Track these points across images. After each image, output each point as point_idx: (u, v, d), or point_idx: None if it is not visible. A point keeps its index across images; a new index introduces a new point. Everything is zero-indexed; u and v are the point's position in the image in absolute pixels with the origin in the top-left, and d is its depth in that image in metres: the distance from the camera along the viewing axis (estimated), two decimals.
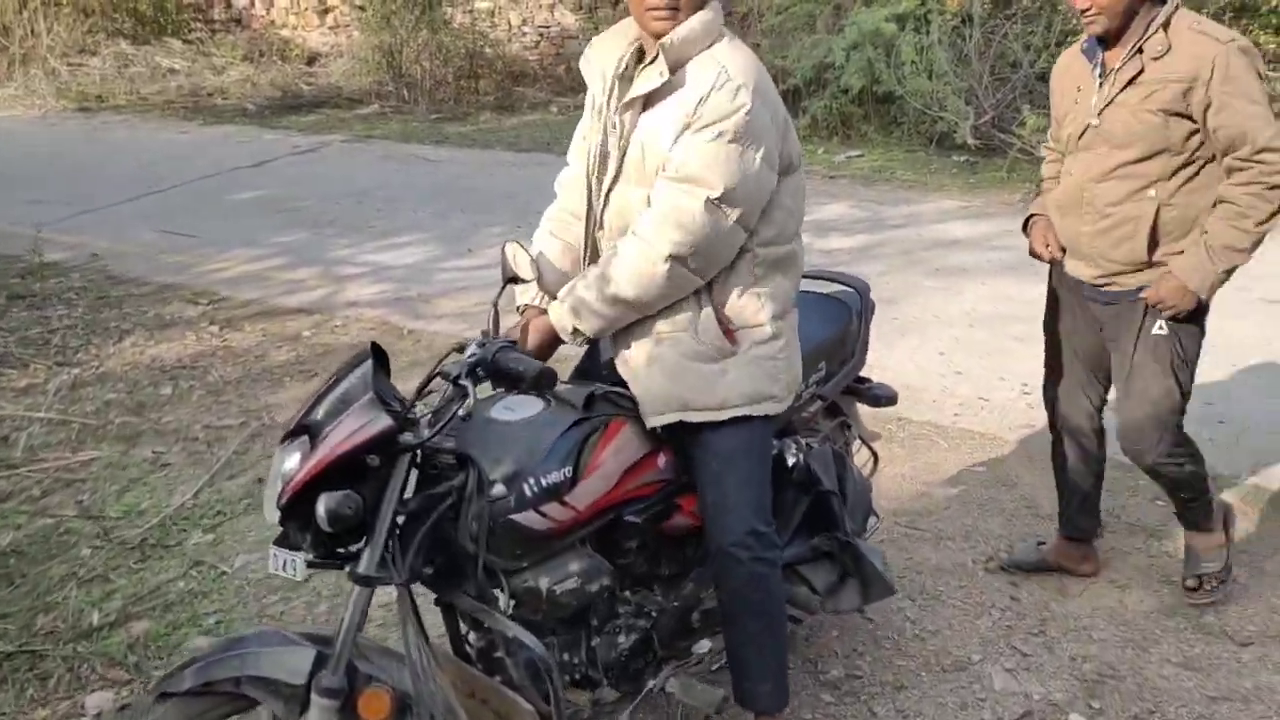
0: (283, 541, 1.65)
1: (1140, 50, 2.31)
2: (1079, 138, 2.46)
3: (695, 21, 1.86)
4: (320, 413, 1.65)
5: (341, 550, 1.68)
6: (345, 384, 1.67)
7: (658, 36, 1.87)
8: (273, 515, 1.63)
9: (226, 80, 11.28)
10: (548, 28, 12.18)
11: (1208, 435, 3.56)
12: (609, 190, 1.99)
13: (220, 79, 11.33)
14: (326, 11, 12.69)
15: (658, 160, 1.89)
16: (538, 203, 2.30)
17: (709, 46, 1.89)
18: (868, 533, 2.52)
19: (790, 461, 2.24)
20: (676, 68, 1.87)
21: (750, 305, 1.99)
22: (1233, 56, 2.22)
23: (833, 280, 2.67)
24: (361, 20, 11.33)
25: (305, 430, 1.64)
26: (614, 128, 1.96)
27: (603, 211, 2.02)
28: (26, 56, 11.61)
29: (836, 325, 2.48)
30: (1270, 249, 5.45)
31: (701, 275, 1.93)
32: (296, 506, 1.60)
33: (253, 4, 13.10)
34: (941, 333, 4.53)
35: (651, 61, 1.89)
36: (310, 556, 1.64)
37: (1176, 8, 2.32)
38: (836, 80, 8.07)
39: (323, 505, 1.58)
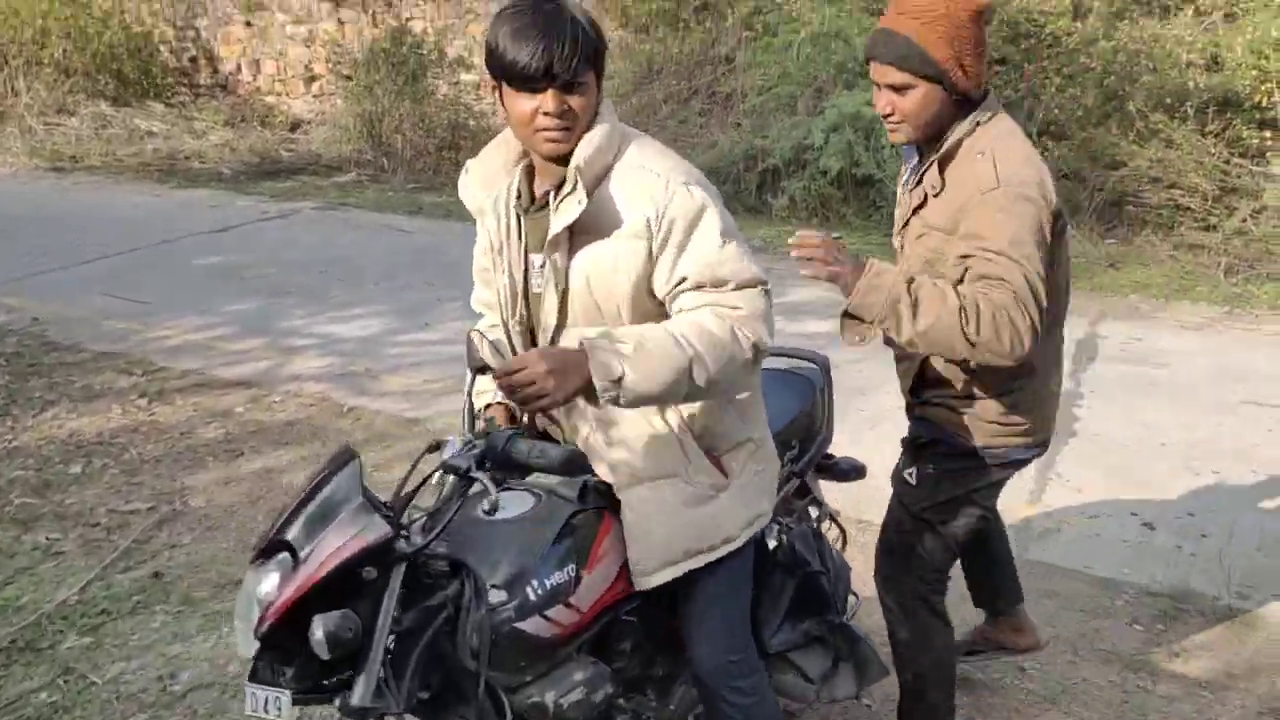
0: (258, 676, 1.44)
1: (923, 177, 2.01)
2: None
3: (597, 135, 1.66)
4: (299, 525, 1.48)
5: (326, 681, 1.48)
6: (328, 490, 1.50)
7: (551, 159, 1.68)
8: (249, 648, 1.43)
9: (205, 144, 11.18)
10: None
11: (1189, 550, 3.32)
12: (552, 340, 1.78)
13: (199, 143, 11.23)
14: (313, 79, 12.68)
15: (615, 294, 1.70)
16: None
17: (620, 155, 1.70)
18: (849, 613, 2.41)
19: (772, 544, 2.15)
20: (593, 190, 1.68)
21: (732, 424, 1.85)
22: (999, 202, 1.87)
23: (792, 356, 2.61)
24: (346, 89, 11.30)
25: (282, 547, 1.46)
26: (542, 269, 1.76)
27: None
28: (4, 115, 11.51)
29: (804, 401, 2.44)
30: (1254, 351, 5.30)
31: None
32: (277, 634, 1.41)
33: (239, 70, 13.09)
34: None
35: (570, 191, 1.67)
36: (294, 691, 1.44)
37: (976, 125, 1.95)
38: (815, 162, 7.96)
39: (320, 628, 1.40)
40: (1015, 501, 3.65)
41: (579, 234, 1.69)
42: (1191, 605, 3.05)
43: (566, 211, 1.66)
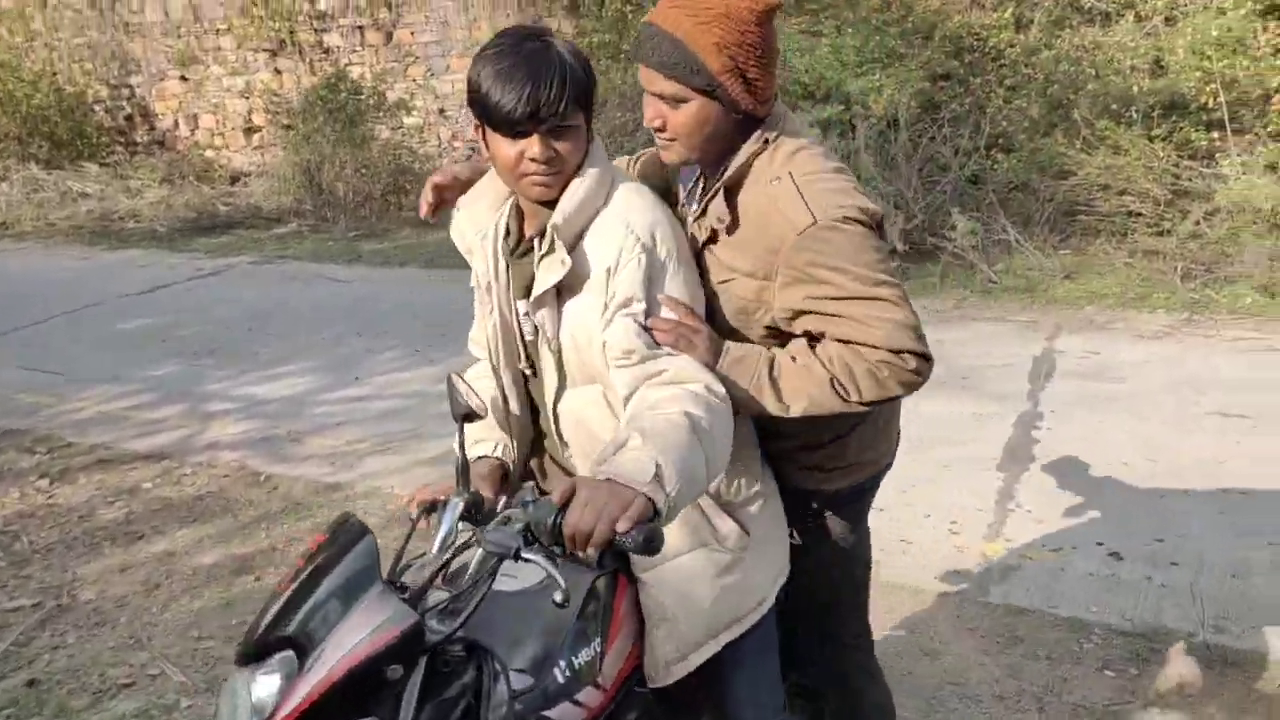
0: None
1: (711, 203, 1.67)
2: None
3: (582, 187, 1.56)
4: (302, 617, 1.23)
5: None
6: (338, 573, 1.27)
7: (539, 202, 1.59)
8: None
9: (140, 203, 10.87)
10: (479, 142, 12.00)
11: (1159, 580, 3.08)
12: (556, 403, 1.70)
13: (134, 202, 10.91)
14: (252, 131, 12.44)
15: (598, 353, 1.61)
16: (440, 323, 1.89)
17: (609, 201, 1.60)
18: None
19: None
20: (575, 245, 1.59)
21: (744, 474, 1.73)
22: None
23: None
24: (285, 138, 11.06)
25: (283, 644, 1.23)
26: (534, 327, 1.67)
27: (558, 425, 1.72)
28: None
29: None
30: (1216, 358, 5.13)
31: None
32: None
33: (176, 125, 12.83)
34: None
35: (549, 251, 1.57)
36: None
37: (765, 144, 1.61)
38: None
39: None
40: (973, 539, 3.42)
41: (565, 290, 1.61)
42: (1165, 644, 2.81)
43: (550, 272, 1.58)
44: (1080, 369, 4.96)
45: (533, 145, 1.51)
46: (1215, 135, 7.52)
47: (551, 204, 1.58)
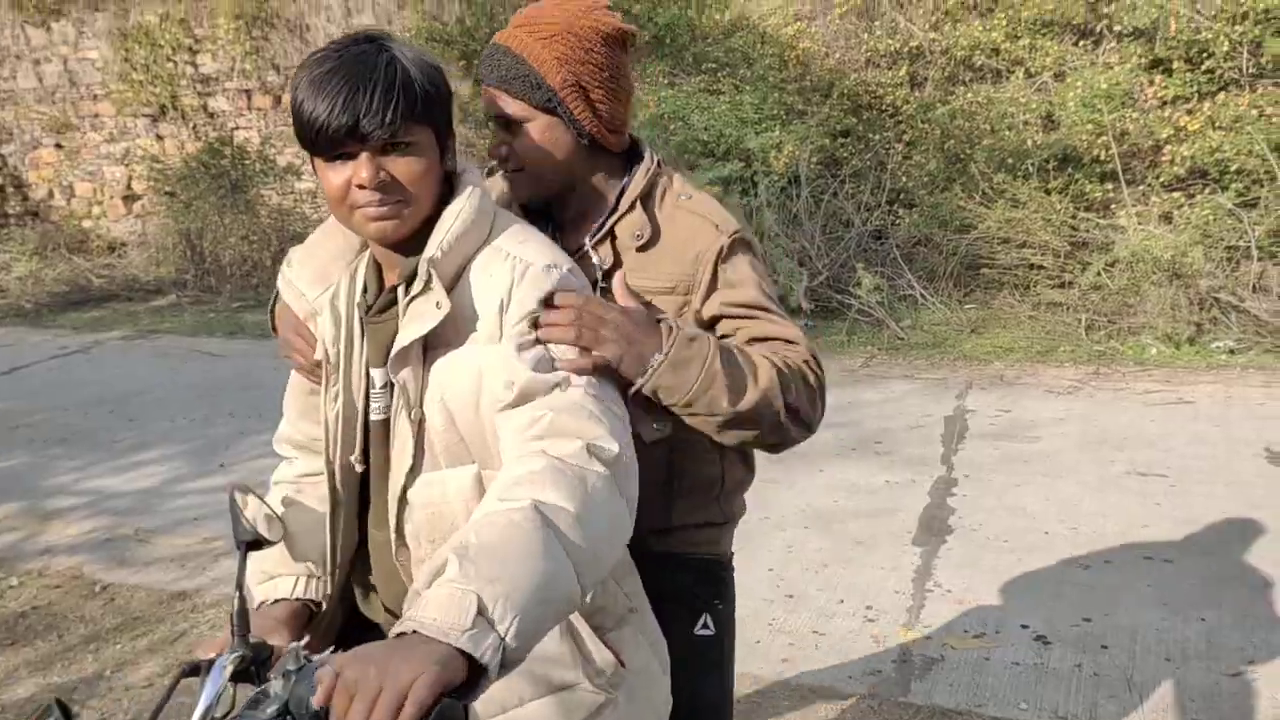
0: None
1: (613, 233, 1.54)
2: None
3: (459, 218, 1.27)
4: None
5: None
6: None
7: (392, 247, 1.30)
8: None
9: (7, 278, 10.18)
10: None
11: (1090, 668, 2.82)
12: (405, 487, 1.32)
13: (1, 277, 10.22)
14: (132, 199, 11.83)
15: (481, 422, 1.28)
16: None
17: (490, 238, 1.31)
18: None
19: None
20: (454, 286, 1.28)
21: (612, 587, 1.39)
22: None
23: None
24: (168, 206, 10.51)
25: None
26: (383, 390, 1.34)
27: (400, 518, 1.34)
28: None
29: None
30: (1127, 413, 5.01)
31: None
32: None
33: (51, 195, 12.14)
34: (772, 540, 3.74)
35: (422, 291, 1.26)
36: None
37: (660, 166, 1.57)
38: None
39: None
40: (891, 626, 3.12)
41: (434, 345, 1.29)
42: None
43: (420, 318, 1.25)
44: (993, 429, 4.77)
45: (359, 168, 1.22)
46: (1110, 187, 7.59)
47: (409, 246, 1.29)
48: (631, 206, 1.51)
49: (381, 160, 1.23)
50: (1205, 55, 7.54)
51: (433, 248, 1.26)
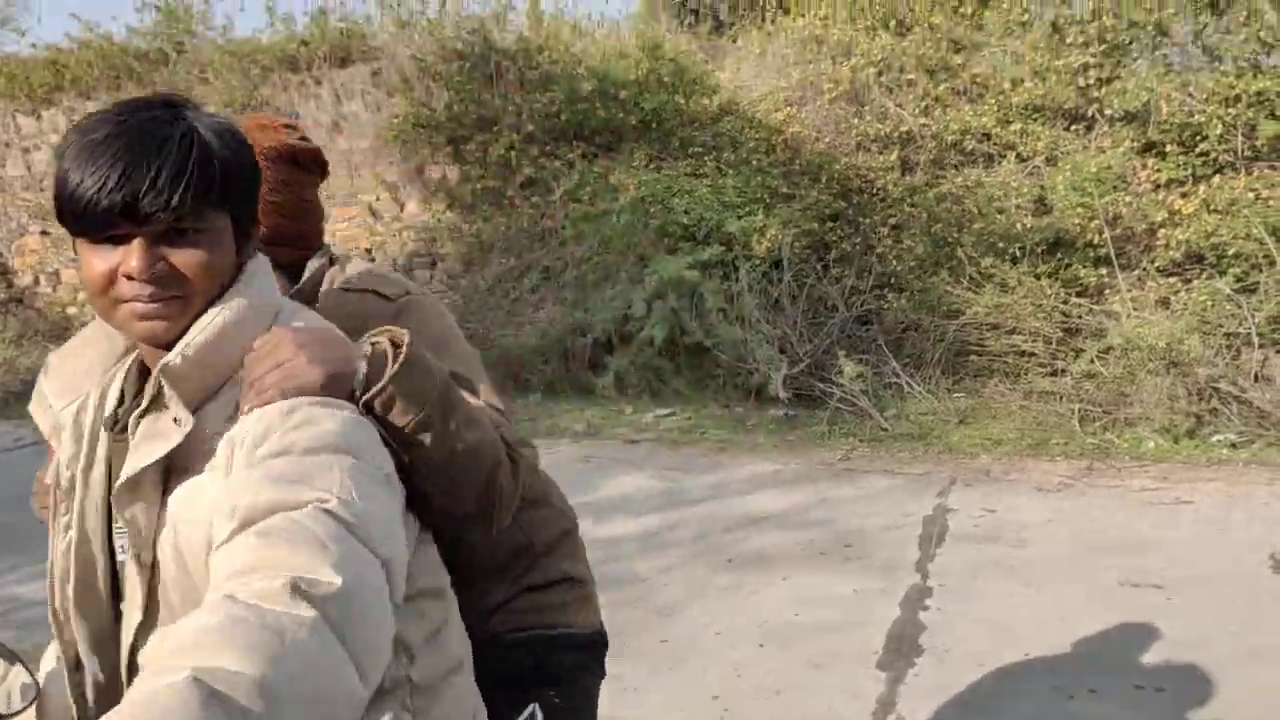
0: None
1: None
2: None
3: (219, 317, 1.07)
4: None
5: None
6: None
7: (155, 344, 1.07)
8: None
9: None
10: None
11: None
12: (134, 647, 1.08)
13: None
14: None
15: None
16: None
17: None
18: None
19: None
20: (204, 404, 1.07)
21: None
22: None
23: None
24: None
25: None
26: (98, 531, 1.12)
27: (129, 674, 1.08)
28: None
29: None
30: (1122, 513, 4.65)
31: None
32: None
33: (37, 282, 12.05)
34: (722, 658, 3.37)
35: (149, 407, 1.06)
36: None
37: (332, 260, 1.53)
38: (639, 333, 7.31)
39: None
40: None
41: (177, 472, 1.06)
42: None
43: (155, 438, 1.05)
44: (975, 531, 4.41)
45: (131, 255, 1.02)
46: (1103, 272, 7.35)
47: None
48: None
49: (161, 248, 1.03)
50: (1199, 138, 7.37)
51: (174, 353, 1.04)
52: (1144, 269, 7.22)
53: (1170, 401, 5.69)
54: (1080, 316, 6.81)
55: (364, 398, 1.13)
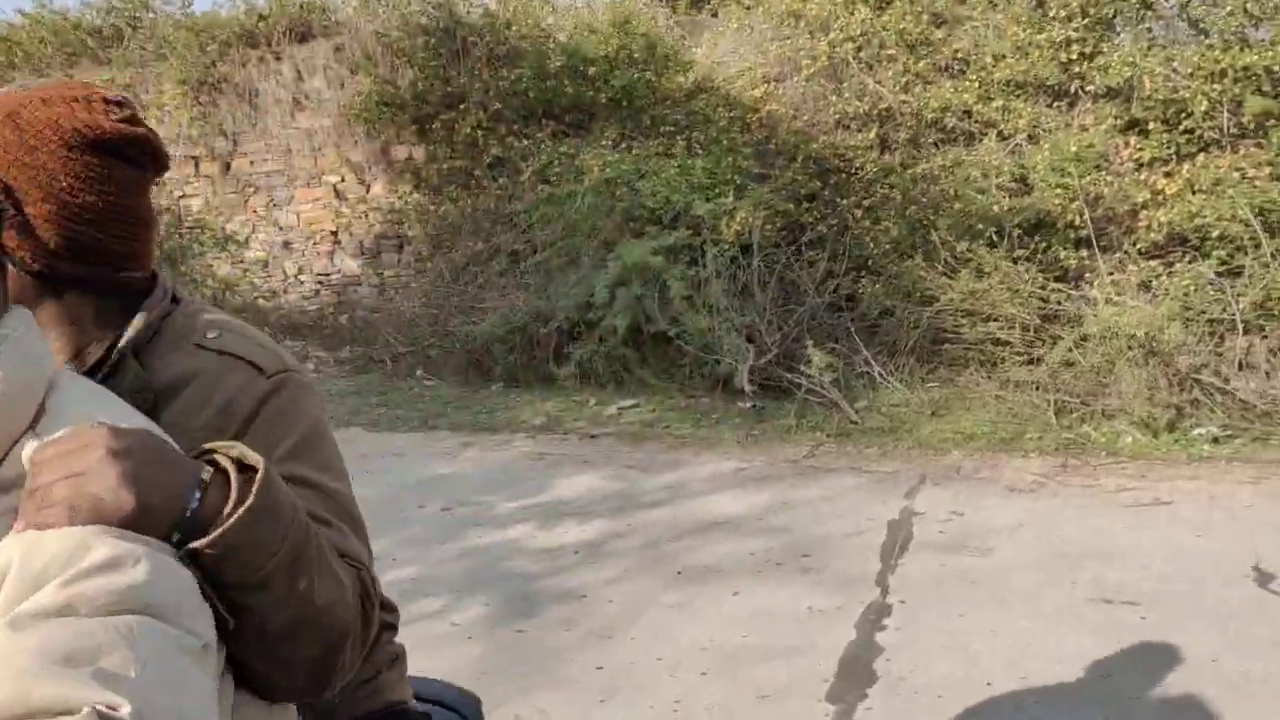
0: None
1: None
2: None
3: None
4: None
5: None
6: None
7: None
8: None
9: None
10: (328, 274, 11.16)
11: None
12: None
13: None
14: None
15: None
16: None
17: (36, 418, 0.90)
18: None
19: None
20: None
21: None
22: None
23: (432, 703, 1.61)
24: None
25: None
26: None
27: None
28: None
29: None
30: (1095, 517, 4.40)
31: None
32: None
33: None
34: (660, 689, 3.11)
35: None
36: None
37: (176, 303, 1.18)
38: (601, 322, 7.03)
39: None
40: None
41: None
42: None
43: None
44: (941, 537, 4.16)
45: None
46: (1084, 254, 7.09)
47: None
48: (118, 362, 1.06)
49: None
50: (1183, 115, 7.09)
51: None
52: (1125, 252, 6.96)
53: (1150, 392, 5.44)
54: (1059, 302, 6.55)
55: (188, 545, 0.87)
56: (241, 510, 0.89)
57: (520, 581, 3.92)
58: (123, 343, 1.07)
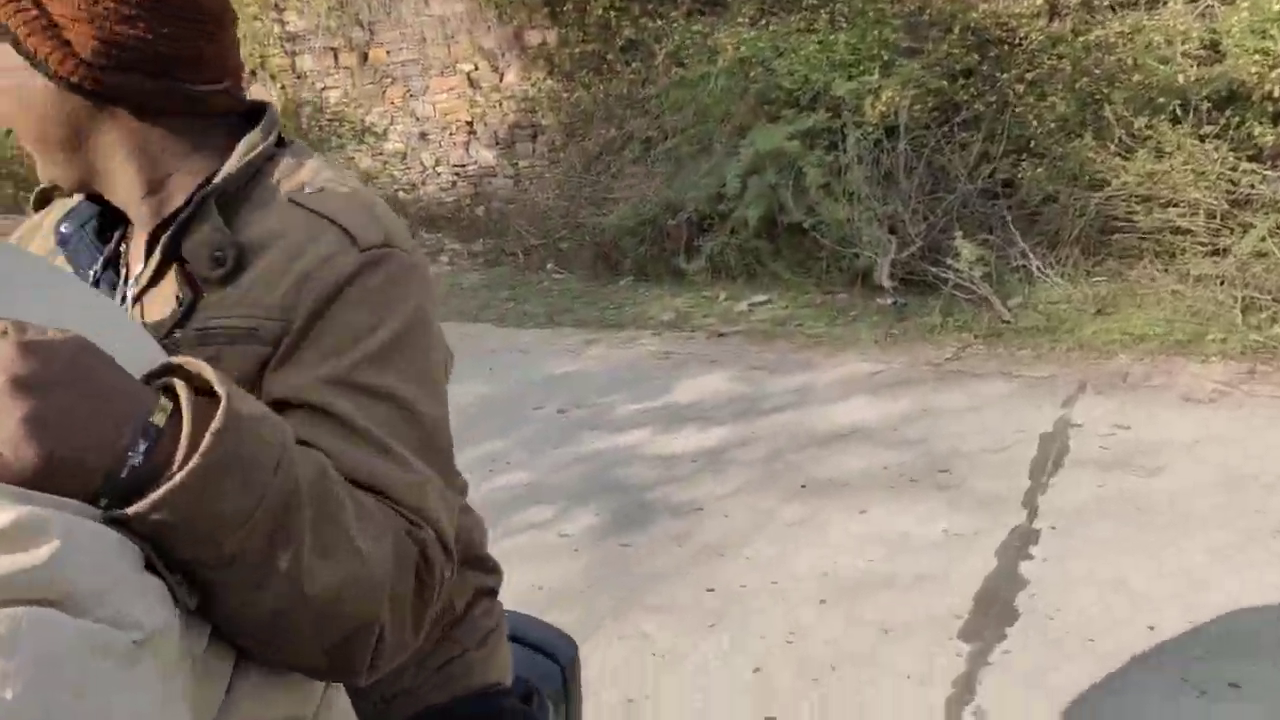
0: None
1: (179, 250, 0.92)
2: None
3: None
4: None
5: None
6: None
7: None
8: None
9: None
10: (464, 166, 11.10)
11: None
12: None
13: None
14: None
15: None
16: None
17: None
18: None
19: None
20: None
21: None
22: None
23: (529, 646, 1.47)
24: None
25: None
26: None
27: None
28: None
29: None
30: None
31: None
32: None
33: None
34: (773, 620, 2.86)
35: None
36: None
37: (282, 145, 0.99)
38: (733, 213, 6.65)
39: None
40: None
41: None
42: None
43: None
44: (1102, 455, 3.72)
45: None
46: None
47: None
48: (199, 208, 0.90)
49: None
50: None
51: None
52: None
53: None
54: (1252, 186, 5.76)
55: (116, 511, 0.66)
56: (190, 467, 0.66)
57: (634, 491, 3.74)
58: (216, 182, 0.90)
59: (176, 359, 0.73)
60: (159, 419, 0.68)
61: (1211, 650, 2.55)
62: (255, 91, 11.87)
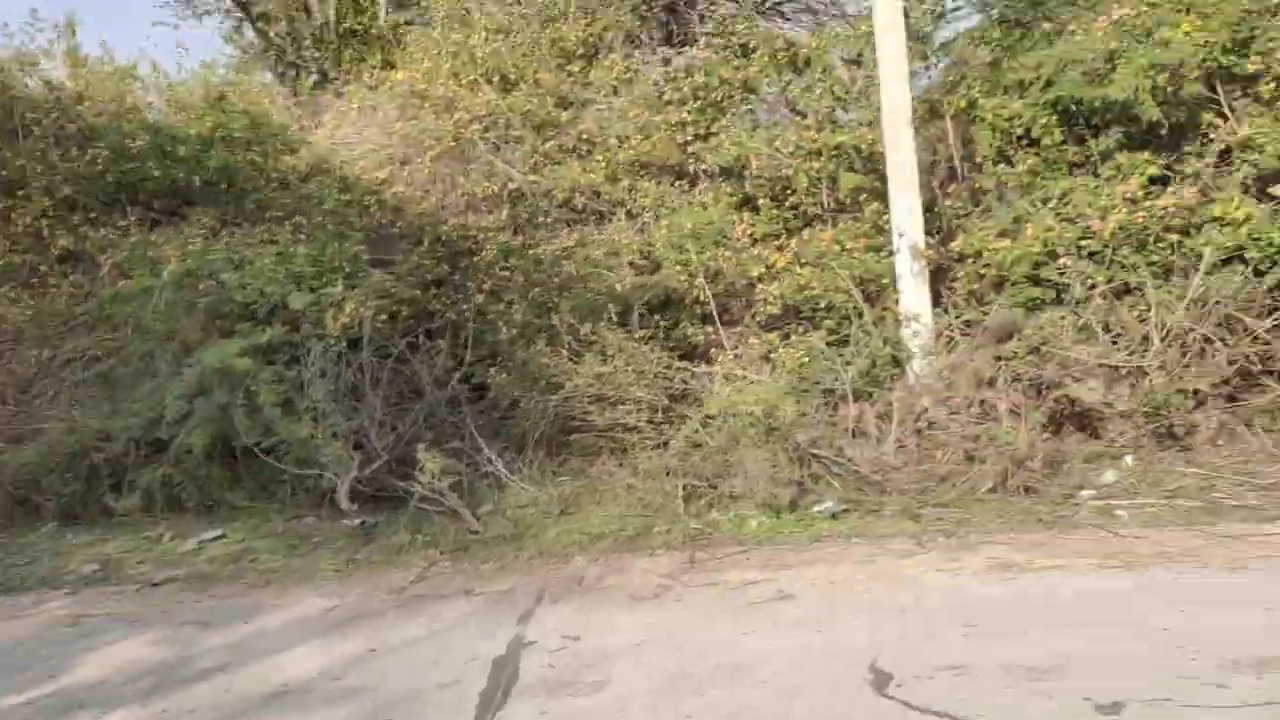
0: None
1: None
2: None
3: None
4: None
5: None
6: None
7: None
8: None
9: None
10: None
11: None
12: None
13: None
14: None
15: None
16: None
17: None
18: None
19: None
20: None
21: None
22: None
23: None
24: None
25: None
26: None
27: None
28: None
29: None
30: (723, 619, 3.76)
31: None
32: None
33: None
34: None
35: None
36: None
37: None
38: (174, 439, 5.91)
39: None
40: None
41: None
42: None
43: None
44: (551, 673, 3.54)
45: None
46: (710, 329, 7.01)
47: None
48: None
49: None
50: (789, 192, 7.25)
51: None
52: (746, 325, 6.95)
53: (772, 470, 5.23)
54: (685, 382, 6.32)
55: None
56: None
57: None
58: None
59: None
60: None
61: None
62: None
